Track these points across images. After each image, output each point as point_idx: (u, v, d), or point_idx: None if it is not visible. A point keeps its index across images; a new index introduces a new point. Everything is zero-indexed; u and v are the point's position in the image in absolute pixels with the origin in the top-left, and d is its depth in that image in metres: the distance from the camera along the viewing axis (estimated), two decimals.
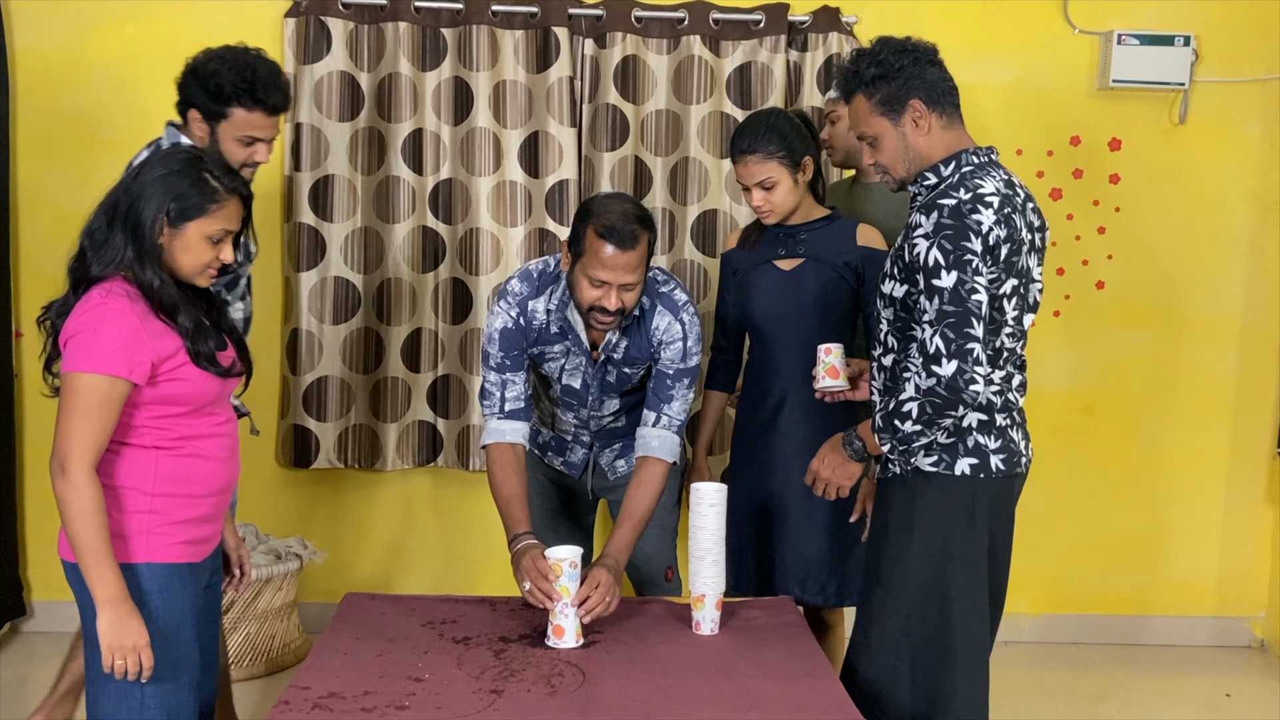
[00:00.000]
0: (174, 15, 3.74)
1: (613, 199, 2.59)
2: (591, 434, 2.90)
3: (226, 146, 2.66)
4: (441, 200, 3.82)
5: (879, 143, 2.34)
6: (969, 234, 2.16)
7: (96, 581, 1.99)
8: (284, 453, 3.88)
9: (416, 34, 3.76)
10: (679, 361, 2.69)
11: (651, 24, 3.81)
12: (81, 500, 1.98)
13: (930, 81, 2.30)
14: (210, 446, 2.15)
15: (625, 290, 2.53)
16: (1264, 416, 4.13)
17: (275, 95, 2.68)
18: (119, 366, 1.99)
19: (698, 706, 2.10)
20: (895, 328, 2.34)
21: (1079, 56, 3.95)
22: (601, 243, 2.48)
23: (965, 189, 2.21)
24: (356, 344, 3.85)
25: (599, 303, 2.53)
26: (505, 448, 2.68)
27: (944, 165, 2.29)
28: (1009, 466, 2.30)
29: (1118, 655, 4.08)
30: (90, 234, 2.08)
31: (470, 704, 2.08)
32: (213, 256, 2.10)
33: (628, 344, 2.71)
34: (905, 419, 2.22)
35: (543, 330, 2.69)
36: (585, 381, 2.77)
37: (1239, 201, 4.05)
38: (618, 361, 2.74)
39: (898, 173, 2.35)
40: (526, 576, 2.43)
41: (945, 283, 2.16)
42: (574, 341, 2.70)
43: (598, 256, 2.49)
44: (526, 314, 2.68)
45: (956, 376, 2.14)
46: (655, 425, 2.70)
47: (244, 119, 2.66)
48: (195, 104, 2.66)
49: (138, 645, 2.01)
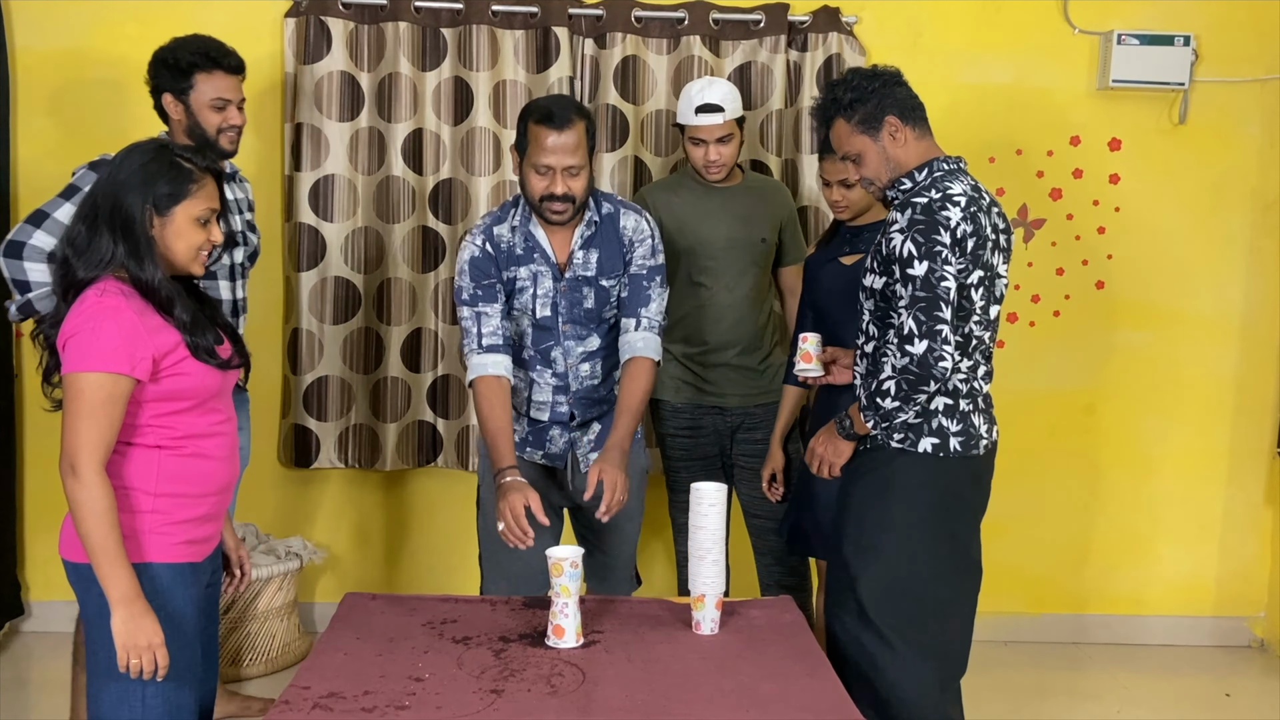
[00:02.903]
0: (174, 15, 3.74)
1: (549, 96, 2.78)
2: (570, 404, 2.90)
3: (202, 116, 2.90)
4: (441, 200, 3.82)
5: (862, 158, 2.61)
6: (939, 228, 2.44)
7: (110, 581, 2.00)
8: (284, 453, 3.88)
9: (416, 34, 3.76)
10: (650, 258, 2.84)
11: (651, 24, 3.81)
12: (93, 500, 1.98)
13: (901, 99, 2.59)
14: (211, 445, 2.15)
15: (570, 175, 2.68)
16: (1264, 416, 4.13)
17: (231, 57, 2.95)
18: (121, 363, 1.99)
19: (698, 706, 2.10)
20: (876, 317, 2.59)
21: (1079, 56, 3.95)
22: (539, 128, 2.66)
23: (936, 190, 2.49)
24: (357, 344, 3.85)
25: (548, 190, 2.68)
26: (490, 380, 2.76)
27: (918, 171, 2.56)
28: (965, 448, 2.55)
29: (1118, 655, 4.08)
30: (70, 241, 2.08)
31: (470, 704, 2.08)
32: (203, 238, 2.11)
33: (598, 255, 2.81)
34: (885, 396, 2.48)
35: (510, 251, 2.79)
36: (555, 304, 2.82)
37: (1239, 201, 4.05)
38: (591, 279, 2.81)
39: (880, 182, 2.62)
40: (503, 516, 2.54)
41: (918, 271, 2.43)
42: (541, 258, 2.79)
43: (538, 143, 2.66)
44: (493, 239, 2.80)
45: (927, 354, 2.42)
46: (637, 329, 2.84)
47: (208, 83, 2.90)
48: (165, 88, 2.91)
49: (152, 644, 2.01)
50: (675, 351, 3.35)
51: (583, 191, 2.72)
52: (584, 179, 2.71)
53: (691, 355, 3.37)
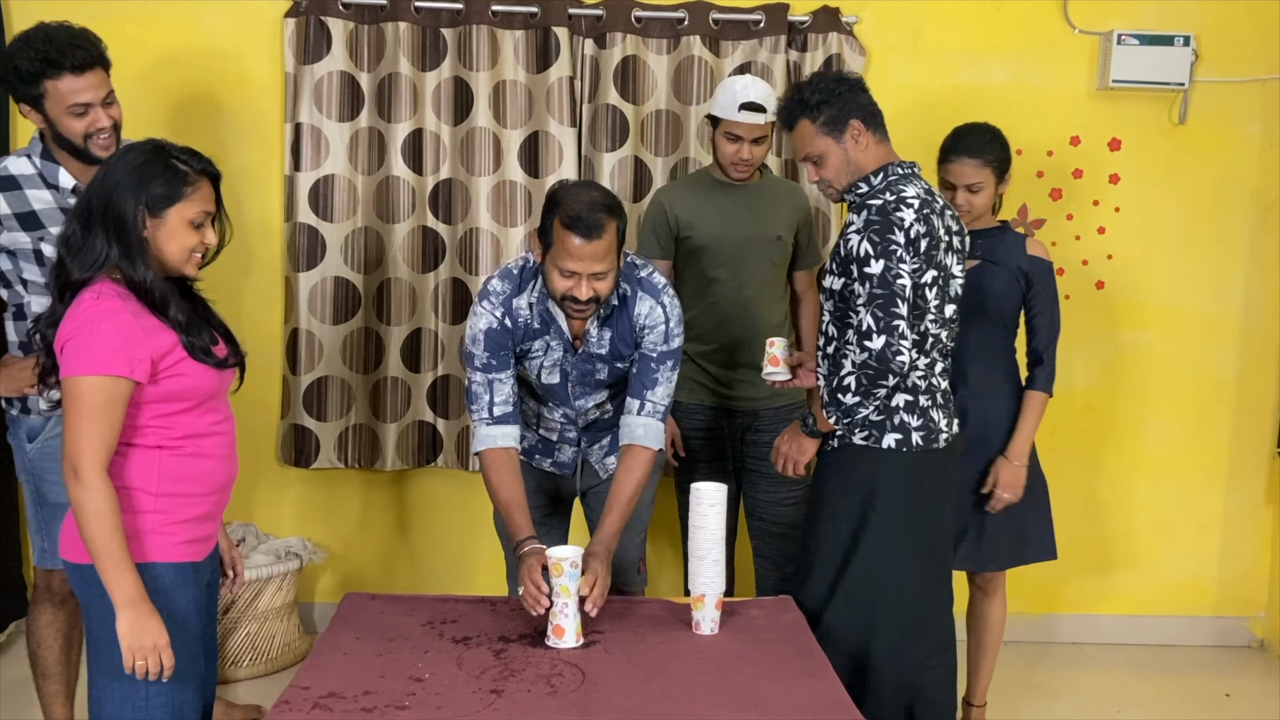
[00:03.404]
0: (174, 15, 3.74)
1: (580, 188, 2.59)
2: (579, 429, 2.89)
3: (63, 124, 2.58)
4: (441, 200, 3.82)
5: (824, 160, 2.67)
6: (894, 228, 2.53)
7: (115, 583, 2.00)
8: (284, 453, 3.88)
9: (416, 34, 3.76)
10: (662, 344, 2.71)
11: (651, 24, 3.81)
12: (97, 502, 1.98)
13: (864, 105, 2.66)
14: (210, 445, 2.16)
15: (596, 279, 2.53)
16: (1264, 416, 4.13)
17: (76, 54, 2.56)
18: (119, 366, 1.99)
19: (698, 706, 2.10)
20: (835, 318, 2.66)
21: (1079, 56, 3.95)
22: (568, 233, 2.48)
23: (891, 193, 2.58)
24: (356, 344, 3.85)
25: (570, 292, 2.54)
26: (499, 453, 2.67)
27: (874, 175, 2.65)
28: (927, 442, 2.64)
29: (1118, 655, 4.09)
30: (65, 241, 2.08)
31: (470, 704, 2.08)
32: (196, 241, 2.12)
33: (611, 335, 2.71)
34: (846, 392, 2.56)
35: (527, 326, 2.69)
36: (565, 371, 2.76)
37: (1239, 201, 4.05)
38: (604, 356, 2.74)
39: (839, 185, 2.69)
40: (522, 582, 2.45)
41: (874, 270, 2.52)
42: (555, 334, 2.69)
43: (565, 247, 2.50)
44: (511, 313, 2.67)
45: (885, 349, 2.50)
46: (640, 413, 2.72)
47: (58, 90, 2.55)
48: (17, 98, 2.60)
49: (158, 645, 2.02)
50: (689, 350, 3.30)
51: (608, 292, 2.58)
52: (610, 281, 2.57)
53: (704, 354, 3.37)
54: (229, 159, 3.55)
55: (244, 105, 3.81)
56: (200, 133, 3.68)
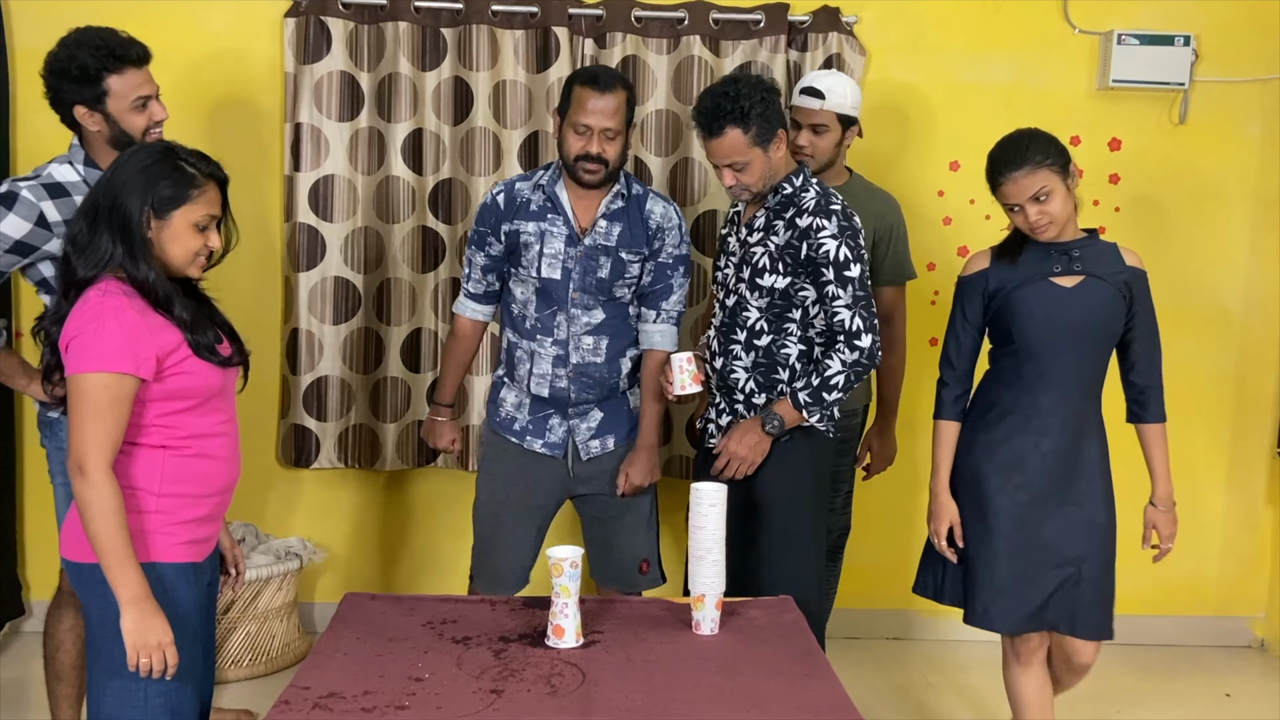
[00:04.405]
0: (174, 15, 3.74)
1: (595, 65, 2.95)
2: (569, 377, 2.91)
3: (126, 121, 2.61)
4: (441, 200, 3.82)
5: (749, 167, 2.76)
6: (859, 233, 2.75)
7: (119, 581, 2.00)
8: (284, 452, 3.88)
9: (416, 34, 3.76)
10: (676, 247, 2.95)
11: (651, 24, 3.81)
12: (102, 500, 1.98)
13: (781, 112, 2.79)
14: (214, 445, 2.16)
15: (606, 138, 2.79)
16: (1264, 416, 4.13)
17: (135, 47, 2.63)
18: (125, 363, 1.99)
19: (698, 706, 2.10)
20: (770, 315, 2.81)
21: (1079, 56, 3.95)
22: (583, 89, 2.80)
23: (834, 199, 2.77)
24: (356, 344, 3.85)
25: (584, 150, 2.79)
26: (467, 322, 3.05)
27: (794, 176, 2.81)
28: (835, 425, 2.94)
29: (1118, 655, 4.08)
30: (72, 239, 2.08)
31: (470, 704, 2.08)
32: (201, 244, 2.12)
33: (620, 227, 2.88)
34: (833, 390, 2.76)
35: (523, 205, 2.90)
36: (566, 269, 2.85)
37: (1239, 201, 4.05)
38: (610, 248, 2.86)
39: (756, 189, 2.80)
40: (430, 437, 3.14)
41: (854, 273, 2.73)
42: (558, 219, 2.86)
43: (580, 104, 2.79)
44: (511, 192, 2.93)
45: (873, 346, 2.75)
46: (656, 321, 2.97)
47: (122, 84, 2.59)
48: (75, 100, 2.60)
49: (162, 643, 2.02)
50: None
51: (616, 157, 2.83)
52: (619, 145, 2.83)
53: None
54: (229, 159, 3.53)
55: (244, 105, 3.81)
56: (200, 132, 3.69)
